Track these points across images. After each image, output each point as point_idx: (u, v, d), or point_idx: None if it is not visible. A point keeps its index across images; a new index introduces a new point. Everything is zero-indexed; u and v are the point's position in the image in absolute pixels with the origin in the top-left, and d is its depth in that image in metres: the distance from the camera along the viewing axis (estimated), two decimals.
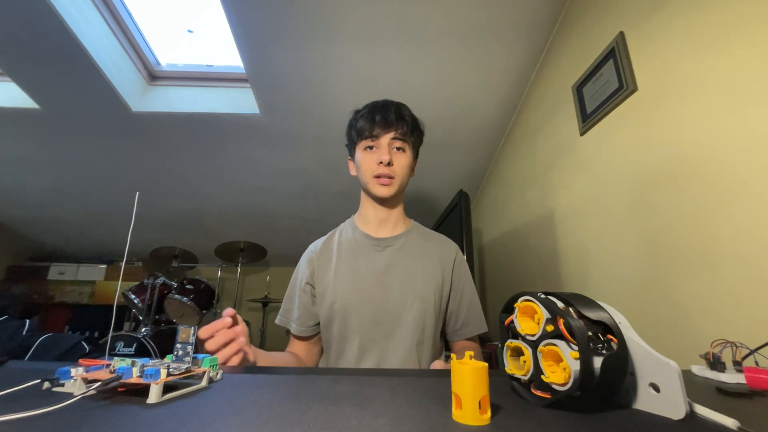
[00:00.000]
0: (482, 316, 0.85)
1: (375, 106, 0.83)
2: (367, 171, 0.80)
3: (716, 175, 0.80)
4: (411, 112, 0.84)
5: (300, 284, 0.84)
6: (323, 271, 0.82)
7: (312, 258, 0.84)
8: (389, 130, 0.79)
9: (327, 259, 0.83)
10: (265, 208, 2.72)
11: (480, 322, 0.84)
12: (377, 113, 0.80)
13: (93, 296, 3.24)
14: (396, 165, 0.80)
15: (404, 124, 0.80)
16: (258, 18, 1.45)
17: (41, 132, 1.99)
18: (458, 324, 0.83)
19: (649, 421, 0.29)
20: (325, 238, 0.88)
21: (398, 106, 0.83)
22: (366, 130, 0.80)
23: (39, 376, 0.35)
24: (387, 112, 0.80)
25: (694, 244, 0.84)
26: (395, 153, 0.80)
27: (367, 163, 0.80)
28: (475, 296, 0.86)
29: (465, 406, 0.28)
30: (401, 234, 0.85)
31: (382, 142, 0.79)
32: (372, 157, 0.80)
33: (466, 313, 0.83)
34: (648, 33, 1.01)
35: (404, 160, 0.81)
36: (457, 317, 0.83)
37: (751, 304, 0.71)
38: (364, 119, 0.81)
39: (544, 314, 0.34)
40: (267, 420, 0.28)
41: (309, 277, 0.83)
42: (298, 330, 0.81)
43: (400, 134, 0.80)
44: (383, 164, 0.78)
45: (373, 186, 0.80)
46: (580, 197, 1.30)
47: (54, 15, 1.38)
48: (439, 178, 2.36)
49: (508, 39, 1.54)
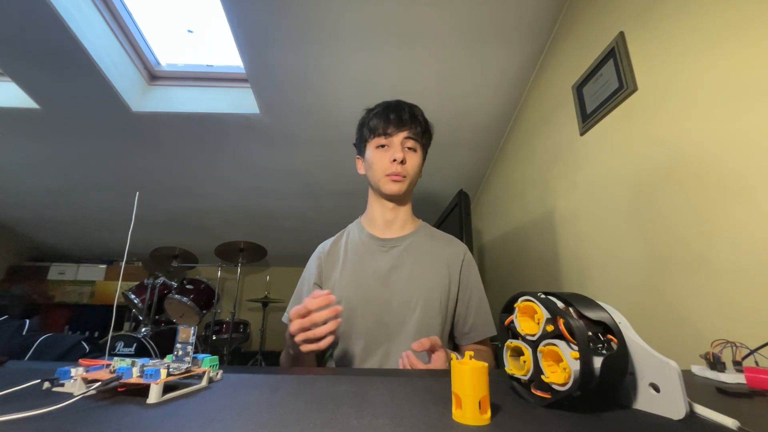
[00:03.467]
0: (491, 319, 0.83)
1: (389, 105, 0.82)
2: (379, 169, 0.80)
3: (716, 175, 0.80)
4: (423, 114, 0.84)
5: (308, 284, 0.84)
6: (330, 272, 0.82)
7: (320, 258, 0.84)
8: (403, 129, 0.79)
9: (334, 259, 0.83)
10: (266, 208, 2.72)
11: (488, 324, 0.82)
12: (392, 112, 0.80)
13: (93, 296, 3.24)
14: (408, 164, 0.80)
15: (417, 124, 0.80)
16: (258, 18, 1.45)
17: (41, 132, 1.99)
18: (466, 327, 0.81)
19: (649, 421, 0.29)
20: (334, 238, 0.88)
21: (411, 107, 0.83)
22: (380, 127, 0.79)
23: (39, 376, 0.35)
24: (401, 111, 0.80)
25: (694, 244, 0.84)
26: (407, 152, 0.80)
27: (380, 161, 0.80)
28: (484, 298, 0.84)
29: (465, 406, 0.28)
30: (408, 235, 0.84)
31: (395, 140, 0.79)
32: (385, 156, 0.79)
33: (474, 316, 0.81)
34: (648, 33, 1.01)
35: (416, 159, 0.81)
36: (465, 320, 0.81)
37: (750, 304, 0.71)
38: (378, 117, 0.80)
39: (544, 314, 0.34)
40: (267, 420, 0.28)
41: (317, 278, 0.83)
42: None
43: (414, 134, 0.80)
44: (397, 162, 0.77)
45: (384, 183, 0.80)
46: (580, 197, 1.30)
47: (54, 15, 1.38)
48: (439, 178, 2.37)
49: (508, 39, 1.54)
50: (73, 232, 3.04)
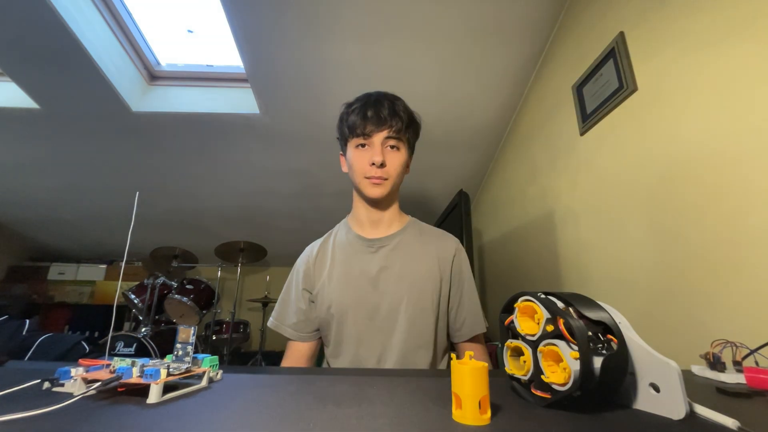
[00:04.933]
0: (480, 314, 0.79)
1: (368, 100, 0.76)
2: (358, 171, 0.76)
3: (716, 174, 0.80)
4: (406, 106, 0.78)
5: (296, 290, 0.81)
6: (318, 275, 0.79)
7: (308, 263, 0.81)
8: (382, 128, 0.73)
9: (322, 262, 0.80)
10: (265, 208, 2.72)
11: (477, 321, 0.78)
12: (369, 108, 0.74)
13: (93, 296, 3.24)
14: (389, 165, 0.75)
15: (398, 120, 0.74)
16: (258, 18, 1.45)
17: (41, 132, 1.99)
18: (457, 324, 0.78)
19: (649, 421, 0.29)
20: (321, 241, 0.85)
21: (392, 101, 0.76)
22: (357, 127, 0.74)
23: (39, 376, 0.35)
24: (380, 107, 0.74)
25: (694, 244, 0.84)
26: (389, 152, 0.75)
27: (359, 163, 0.75)
28: (474, 293, 0.80)
29: (465, 406, 0.28)
30: (395, 233, 0.80)
31: (374, 140, 0.74)
32: (364, 157, 0.75)
33: (465, 312, 0.78)
34: (648, 33, 1.01)
35: (398, 159, 0.76)
36: (456, 317, 0.78)
37: (751, 303, 0.71)
38: (355, 115, 0.75)
39: (544, 314, 0.34)
40: (267, 420, 0.28)
41: (304, 282, 0.80)
42: (299, 336, 0.78)
43: (395, 132, 0.74)
44: (376, 165, 0.73)
45: (365, 187, 0.76)
46: (580, 197, 1.30)
47: (54, 15, 1.38)
48: (439, 178, 2.36)
49: (508, 39, 1.54)
50: (73, 232, 3.03)
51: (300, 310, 0.79)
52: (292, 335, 0.78)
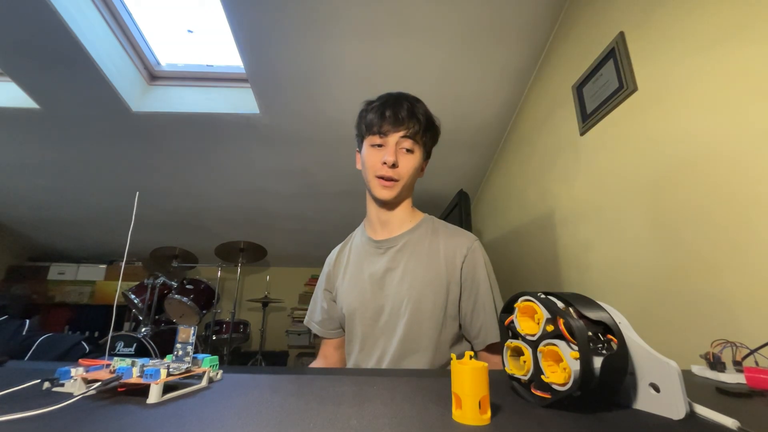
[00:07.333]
0: (495, 323, 0.71)
1: (388, 99, 0.76)
2: (370, 169, 0.75)
3: (716, 174, 0.80)
4: (426, 110, 0.78)
5: (320, 290, 0.87)
6: (336, 277, 0.84)
7: (329, 266, 0.86)
8: (399, 128, 0.73)
9: (340, 264, 0.85)
10: (265, 208, 2.72)
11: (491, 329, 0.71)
12: (388, 108, 0.73)
13: (93, 296, 3.24)
14: (402, 167, 0.74)
15: (416, 122, 0.74)
16: (258, 18, 1.45)
17: (41, 132, 1.99)
18: (473, 331, 0.72)
19: (649, 421, 0.29)
20: (342, 244, 0.89)
21: (412, 103, 0.76)
22: (374, 125, 0.74)
23: (39, 376, 0.35)
24: (399, 108, 0.73)
25: (694, 244, 0.84)
26: (402, 154, 0.74)
27: (372, 162, 0.75)
28: (488, 297, 0.73)
29: (465, 406, 0.28)
30: (404, 233, 0.78)
31: (389, 140, 0.73)
32: (377, 156, 0.74)
33: (481, 319, 0.72)
34: (648, 33, 1.01)
35: (411, 162, 0.75)
36: (471, 324, 0.72)
37: (751, 303, 0.71)
38: (374, 113, 0.75)
39: (544, 314, 0.34)
40: (267, 420, 0.28)
41: (326, 283, 0.85)
42: (324, 333, 0.85)
43: (410, 134, 0.73)
44: (387, 165, 0.72)
45: (374, 186, 0.75)
46: (580, 197, 1.30)
47: (54, 15, 1.38)
48: (439, 178, 2.36)
49: (508, 39, 1.54)
50: (73, 232, 3.03)
51: (323, 309, 0.85)
52: (319, 331, 0.85)
